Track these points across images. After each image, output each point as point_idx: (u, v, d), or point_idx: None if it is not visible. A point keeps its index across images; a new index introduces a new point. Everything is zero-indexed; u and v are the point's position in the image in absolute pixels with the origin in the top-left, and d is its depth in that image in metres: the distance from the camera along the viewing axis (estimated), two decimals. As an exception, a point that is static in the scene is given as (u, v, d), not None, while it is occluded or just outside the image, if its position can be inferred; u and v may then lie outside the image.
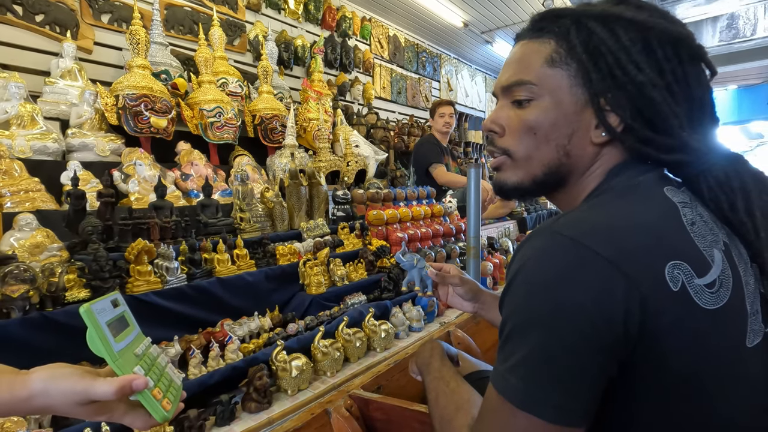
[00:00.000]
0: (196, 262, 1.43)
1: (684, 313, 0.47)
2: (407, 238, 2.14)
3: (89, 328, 0.53)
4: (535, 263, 0.50)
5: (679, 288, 0.47)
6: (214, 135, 2.34)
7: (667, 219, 0.52)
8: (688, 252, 0.49)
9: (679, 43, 0.55)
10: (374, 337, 1.44)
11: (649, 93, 0.54)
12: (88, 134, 1.97)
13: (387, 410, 0.81)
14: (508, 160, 0.64)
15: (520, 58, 0.61)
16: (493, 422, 0.50)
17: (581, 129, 0.58)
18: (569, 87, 0.58)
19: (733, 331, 0.49)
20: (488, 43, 5.68)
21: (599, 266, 0.46)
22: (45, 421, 0.89)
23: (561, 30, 0.58)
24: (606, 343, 0.46)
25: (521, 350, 0.49)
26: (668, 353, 0.47)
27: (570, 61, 0.57)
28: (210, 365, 1.17)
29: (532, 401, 0.47)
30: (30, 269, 1.08)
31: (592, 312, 0.46)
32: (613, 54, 0.55)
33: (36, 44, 2.17)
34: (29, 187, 1.61)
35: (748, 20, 5.69)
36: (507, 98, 0.63)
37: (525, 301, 0.50)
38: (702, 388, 0.48)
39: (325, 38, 3.75)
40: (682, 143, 0.55)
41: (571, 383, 0.46)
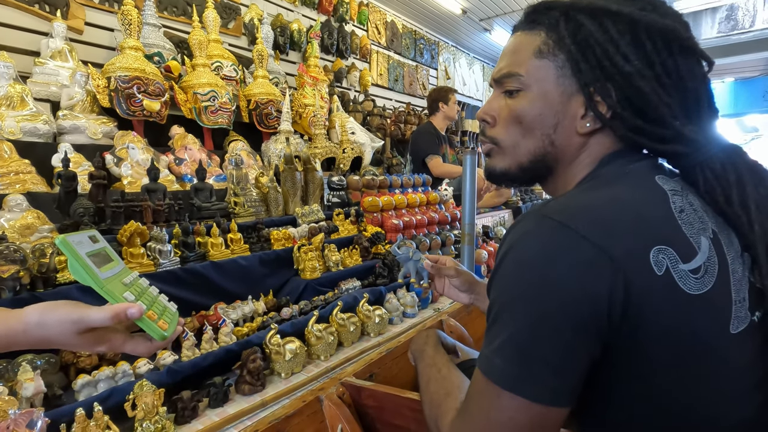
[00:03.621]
0: (190, 246, 1.42)
1: (667, 297, 0.47)
2: (402, 225, 2.14)
3: (69, 259, 0.52)
4: (523, 246, 0.51)
5: (664, 272, 0.48)
6: (208, 119, 2.31)
7: (656, 205, 0.53)
8: (674, 238, 0.50)
9: (668, 36, 0.55)
10: (368, 322, 1.45)
11: (637, 83, 0.55)
12: (79, 116, 1.93)
13: (379, 398, 0.81)
14: (496, 148, 0.67)
15: (513, 50, 0.63)
16: (479, 403, 0.51)
17: (567, 119, 0.60)
18: (556, 78, 0.59)
19: (716, 316, 0.50)
20: (486, 31, 5.62)
21: (585, 249, 0.47)
22: (36, 400, 0.88)
23: (551, 22, 0.60)
24: (590, 324, 0.47)
25: (506, 331, 0.49)
26: (651, 336, 0.48)
27: (558, 52, 0.59)
28: (203, 348, 1.17)
29: (516, 381, 0.47)
30: (20, 250, 1.07)
31: (578, 293, 0.47)
32: (601, 46, 0.56)
33: (25, 23, 2.11)
34: (19, 168, 1.59)
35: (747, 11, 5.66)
36: (500, 88, 0.65)
37: (512, 283, 0.51)
38: (684, 372, 0.49)
39: (321, 23, 3.69)
40: (676, 133, 0.56)
41: (556, 363, 0.47)
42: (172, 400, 0.97)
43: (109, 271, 0.56)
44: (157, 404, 0.92)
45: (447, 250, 2.22)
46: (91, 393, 0.97)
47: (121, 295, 0.54)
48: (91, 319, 0.51)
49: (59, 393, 0.94)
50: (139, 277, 0.63)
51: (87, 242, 0.56)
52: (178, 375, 1.06)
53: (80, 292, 1.12)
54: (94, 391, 0.97)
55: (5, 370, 0.94)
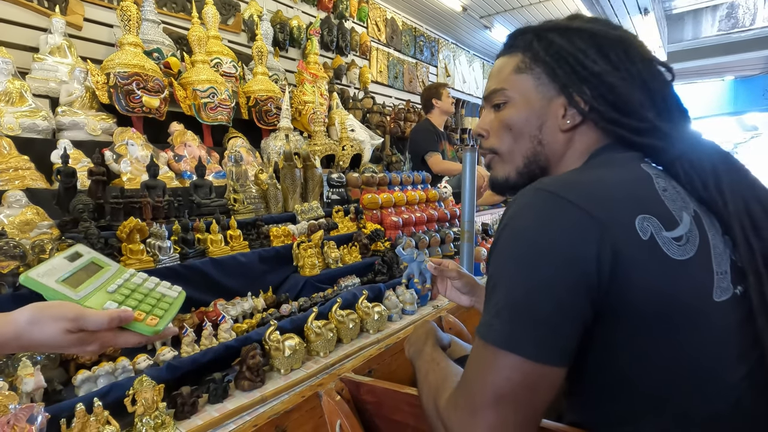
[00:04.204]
0: (189, 242, 1.43)
1: (652, 260, 0.52)
2: (401, 223, 2.14)
3: (41, 292, 0.54)
4: (518, 216, 0.56)
5: (648, 237, 0.52)
6: (207, 116, 2.31)
7: (641, 182, 0.59)
8: (657, 209, 0.55)
9: (627, 46, 0.64)
10: (367, 318, 1.45)
11: (608, 79, 0.63)
12: (78, 113, 1.93)
13: (378, 393, 0.81)
14: (496, 156, 0.74)
15: (496, 72, 0.73)
16: (478, 367, 0.53)
17: (549, 119, 0.67)
18: (535, 87, 0.68)
19: (699, 282, 0.54)
20: (487, 29, 5.61)
21: (575, 214, 0.52)
22: (37, 395, 0.89)
23: (525, 44, 0.70)
24: (582, 284, 0.50)
25: (503, 296, 0.53)
26: (638, 298, 0.51)
27: (534, 66, 0.68)
28: (203, 344, 1.17)
29: (513, 340, 0.50)
30: (20, 246, 1.07)
31: (569, 254, 0.51)
32: (572, 55, 0.65)
33: (24, 19, 2.10)
34: (18, 164, 1.59)
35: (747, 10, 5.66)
36: (489, 105, 0.74)
37: (507, 252, 0.55)
38: (671, 335, 0.52)
39: (321, 19, 3.68)
40: (652, 126, 0.63)
41: (551, 322, 0.50)
42: (171, 395, 0.97)
43: (93, 284, 0.58)
44: (157, 400, 0.92)
45: (446, 247, 2.22)
46: (91, 388, 0.97)
47: (101, 307, 0.55)
48: (89, 321, 0.52)
49: (59, 388, 0.94)
50: (135, 273, 0.63)
51: (61, 266, 0.57)
52: (178, 371, 1.06)
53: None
54: (94, 387, 0.97)
55: (5, 366, 0.95)
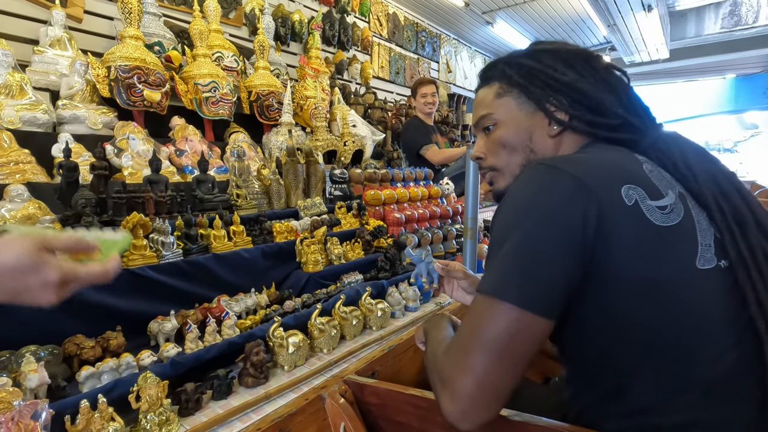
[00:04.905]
0: (192, 238, 1.42)
1: (636, 225, 0.56)
2: (404, 219, 2.13)
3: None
4: (517, 186, 0.63)
5: (633, 204, 0.57)
6: (209, 110, 2.29)
7: (629, 161, 0.65)
8: (643, 182, 0.60)
9: (587, 58, 0.73)
10: (370, 315, 1.45)
11: (579, 86, 0.70)
12: (79, 106, 1.91)
13: (382, 395, 0.81)
14: (496, 173, 0.81)
15: (480, 101, 0.81)
16: (473, 315, 0.58)
17: (537, 129, 0.74)
18: (517, 105, 0.76)
19: (683, 249, 0.58)
20: (489, 24, 5.58)
21: (567, 180, 0.58)
22: (41, 391, 0.88)
23: (498, 73, 0.78)
24: (568, 240, 0.55)
25: (500, 252, 0.58)
26: (623, 259, 0.55)
27: (511, 89, 0.76)
28: (207, 340, 1.16)
29: (503, 288, 0.55)
30: (22, 241, 1.06)
31: (558, 213, 0.56)
32: (542, 72, 0.72)
33: (23, 11, 2.08)
34: (19, 158, 1.57)
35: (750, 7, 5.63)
36: (480, 131, 0.82)
37: (506, 214, 0.61)
38: (656, 298, 0.55)
39: (323, 14, 3.65)
40: (624, 122, 0.70)
41: (540, 275, 0.54)
42: (176, 392, 0.97)
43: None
44: (161, 396, 0.91)
45: (449, 244, 2.22)
46: (95, 385, 0.96)
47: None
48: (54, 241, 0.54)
49: (63, 384, 0.93)
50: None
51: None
52: (182, 367, 1.05)
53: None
54: (98, 383, 0.97)
55: (9, 362, 0.94)
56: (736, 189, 0.63)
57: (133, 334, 1.16)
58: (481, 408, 0.53)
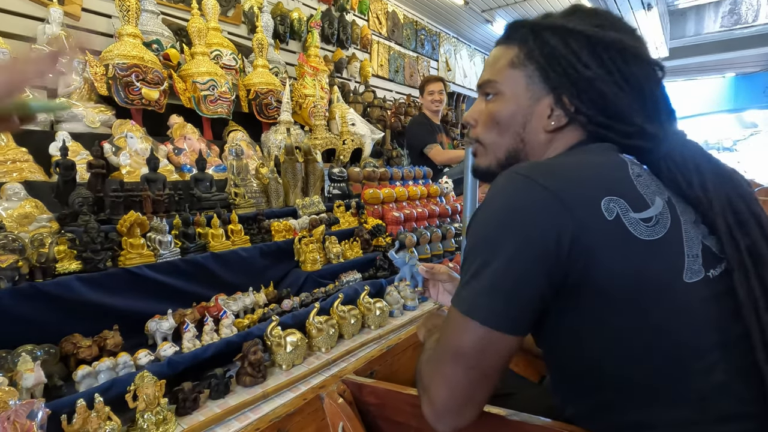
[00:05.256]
0: (190, 237, 1.41)
1: (618, 240, 0.53)
2: (403, 218, 2.13)
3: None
4: (492, 196, 0.60)
5: (614, 218, 0.54)
6: (207, 109, 2.29)
7: (613, 167, 0.61)
8: (627, 192, 0.56)
9: (620, 48, 0.64)
10: (369, 314, 1.45)
11: (599, 86, 0.64)
12: (77, 104, 1.90)
13: (380, 394, 0.80)
14: (480, 147, 0.77)
15: (492, 62, 0.74)
16: (447, 328, 0.59)
17: (534, 119, 0.69)
18: (525, 85, 0.69)
19: (668, 262, 0.55)
20: (488, 23, 5.56)
21: (541, 194, 0.54)
22: (37, 391, 0.88)
23: (522, 37, 0.70)
24: (539, 260, 0.53)
25: (471, 267, 0.57)
26: (605, 276, 0.53)
27: (527, 63, 0.69)
28: (204, 339, 1.16)
29: (473, 307, 0.55)
30: (19, 239, 1.05)
31: (530, 232, 0.54)
32: (565, 58, 0.65)
33: (21, 8, 2.07)
34: (16, 157, 1.57)
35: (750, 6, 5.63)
36: (481, 93, 0.76)
37: (478, 225, 0.59)
38: (641, 315, 0.54)
39: (322, 12, 3.64)
40: (639, 129, 0.64)
41: (506, 292, 0.54)
42: (173, 391, 0.97)
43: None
44: (159, 395, 0.91)
45: (447, 243, 2.22)
46: (92, 384, 0.96)
47: None
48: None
49: (60, 384, 0.93)
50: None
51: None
52: (179, 366, 1.05)
53: (82, 283, 1.12)
54: (95, 382, 0.97)
55: (5, 361, 0.94)
56: (754, 216, 0.59)
57: (130, 333, 1.16)
58: (455, 414, 0.57)
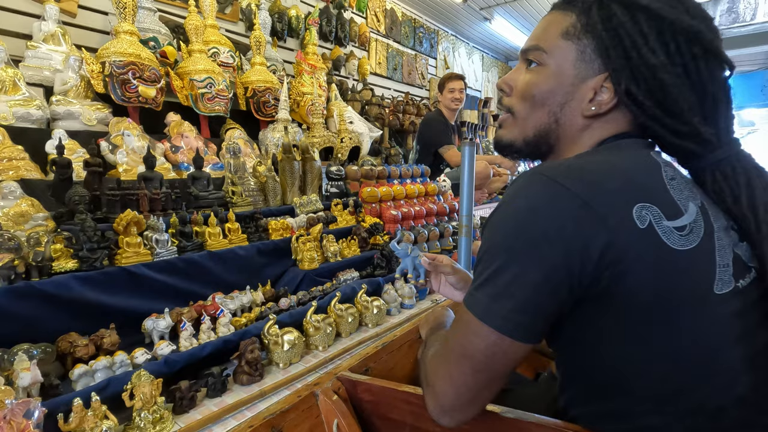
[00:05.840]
0: (187, 235, 1.41)
1: (650, 250, 0.50)
2: (400, 216, 2.13)
3: None
4: (513, 197, 0.56)
5: (647, 226, 0.50)
6: (204, 107, 2.28)
7: (646, 171, 0.56)
8: (660, 198, 0.53)
9: (691, 37, 0.57)
10: (366, 313, 1.45)
11: (661, 76, 0.57)
12: (73, 102, 1.90)
13: (375, 392, 0.80)
14: (510, 117, 0.71)
15: (544, 27, 0.66)
16: (458, 330, 0.58)
17: (574, 100, 0.63)
18: (573, 61, 0.62)
19: (700, 273, 0.53)
20: (487, 20, 5.55)
21: (568, 200, 0.51)
22: (33, 390, 0.88)
23: (584, 6, 0.62)
24: (562, 270, 0.50)
25: (487, 270, 0.55)
26: (634, 286, 0.50)
27: (583, 36, 0.61)
28: (201, 338, 1.16)
29: (488, 313, 0.53)
30: (15, 238, 1.05)
31: (555, 240, 0.50)
32: (630, 37, 0.58)
33: (16, 5, 2.06)
34: (12, 155, 1.56)
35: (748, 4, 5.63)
36: (523, 61, 0.69)
37: (497, 227, 0.56)
38: (670, 326, 0.52)
39: (320, 9, 3.63)
40: (693, 130, 0.59)
41: (522, 301, 0.52)
42: (170, 390, 0.97)
43: None
44: (155, 394, 0.91)
45: (445, 241, 2.22)
46: (89, 383, 0.96)
47: None
48: None
49: (56, 383, 0.93)
50: None
51: None
52: (176, 365, 1.05)
53: (78, 282, 1.11)
54: (92, 381, 0.97)
55: (1, 360, 0.94)
56: None
57: (127, 331, 1.16)
58: (459, 411, 0.58)
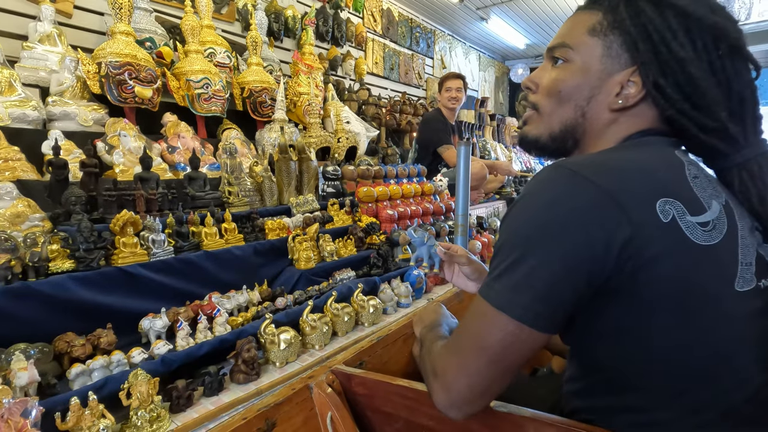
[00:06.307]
0: (184, 235, 1.42)
1: (673, 244, 0.50)
2: (397, 216, 2.14)
3: None
4: (534, 189, 0.56)
5: (670, 220, 0.50)
6: (201, 107, 2.28)
7: (669, 167, 0.57)
8: (683, 194, 0.53)
9: (717, 35, 0.58)
10: (362, 312, 1.46)
11: (690, 69, 0.58)
12: (69, 103, 1.90)
13: (369, 385, 0.81)
14: (535, 114, 0.71)
15: (569, 25, 0.68)
16: (473, 320, 0.57)
17: (601, 94, 0.63)
18: (600, 56, 0.63)
19: (722, 270, 0.53)
20: (483, 20, 5.57)
21: (592, 193, 0.51)
22: (31, 389, 0.88)
23: (611, 4, 0.63)
24: (583, 262, 0.50)
25: (505, 260, 0.54)
26: (656, 279, 0.50)
27: (609, 33, 0.62)
28: (198, 337, 1.17)
29: (505, 302, 0.53)
30: (11, 238, 1.05)
31: (576, 231, 0.50)
32: (659, 32, 0.59)
33: (11, 5, 2.06)
34: (8, 155, 1.56)
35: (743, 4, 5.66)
36: (548, 59, 0.70)
37: (517, 218, 0.56)
38: (688, 321, 0.51)
39: (316, 9, 3.64)
40: (720, 126, 0.58)
41: (542, 291, 0.51)
42: (167, 389, 0.97)
43: None
44: (152, 393, 0.92)
45: (441, 240, 2.23)
46: (86, 382, 0.97)
47: None
48: None
49: (53, 382, 0.93)
50: None
51: None
52: (173, 364, 1.06)
53: (75, 282, 1.12)
54: (89, 381, 0.97)
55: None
56: None
57: (123, 331, 1.16)
58: (469, 403, 0.57)
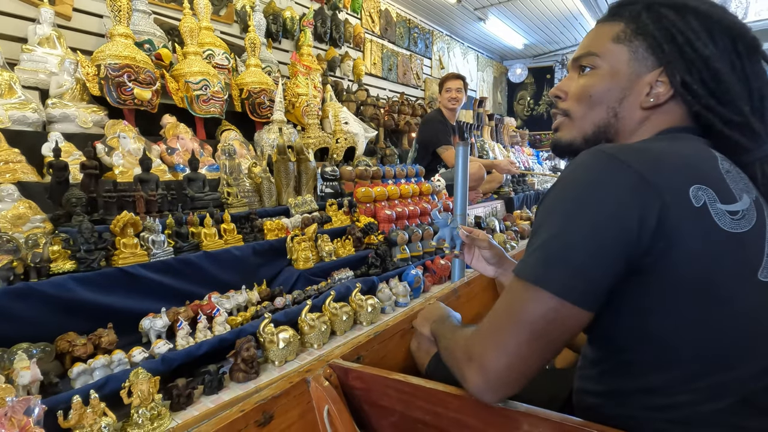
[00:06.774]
0: (183, 236, 1.43)
1: (702, 228, 0.52)
2: (395, 216, 2.15)
3: None
4: (573, 172, 0.57)
5: (701, 206, 0.52)
6: (200, 108, 2.30)
7: (703, 159, 0.59)
8: (716, 183, 0.55)
9: (735, 36, 0.61)
10: (361, 311, 1.47)
11: (714, 65, 0.60)
12: (69, 105, 1.91)
13: (366, 379, 0.81)
14: (566, 119, 0.73)
15: (592, 37, 0.71)
16: (508, 298, 0.57)
17: (632, 95, 0.66)
18: (627, 61, 0.66)
19: (746, 259, 0.54)
20: (481, 21, 5.59)
21: (628, 174, 0.52)
22: (33, 388, 0.90)
23: (632, 14, 0.66)
24: (619, 239, 0.52)
25: (542, 238, 0.55)
26: (681, 262, 0.52)
27: (634, 38, 0.65)
28: (197, 337, 1.18)
29: (544, 277, 0.53)
30: (13, 240, 1.07)
31: (613, 211, 0.52)
32: (682, 34, 0.62)
33: (11, 8, 2.07)
34: (9, 157, 1.57)
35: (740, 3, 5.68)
36: (575, 69, 0.73)
37: (557, 199, 0.57)
38: (710, 305, 0.53)
39: (314, 10, 3.65)
40: (744, 120, 0.61)
41: (581, 266, 0.52)
42: (167, 387, 0.99)
43: None
44: (153, 392, 0.93)
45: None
46: (87, 381, 0.98)
47: None
48: None
49: (56, 381, 0.95)
50: None
51: None
52: (173, 363, 1.07)
53: (76, 282, 1.13)
54: (90, 379, 0.99)
55: (1, 359, 0.95)
56: None
57: (124, 331, 1.18)
58: (507, 385, 0.56)
